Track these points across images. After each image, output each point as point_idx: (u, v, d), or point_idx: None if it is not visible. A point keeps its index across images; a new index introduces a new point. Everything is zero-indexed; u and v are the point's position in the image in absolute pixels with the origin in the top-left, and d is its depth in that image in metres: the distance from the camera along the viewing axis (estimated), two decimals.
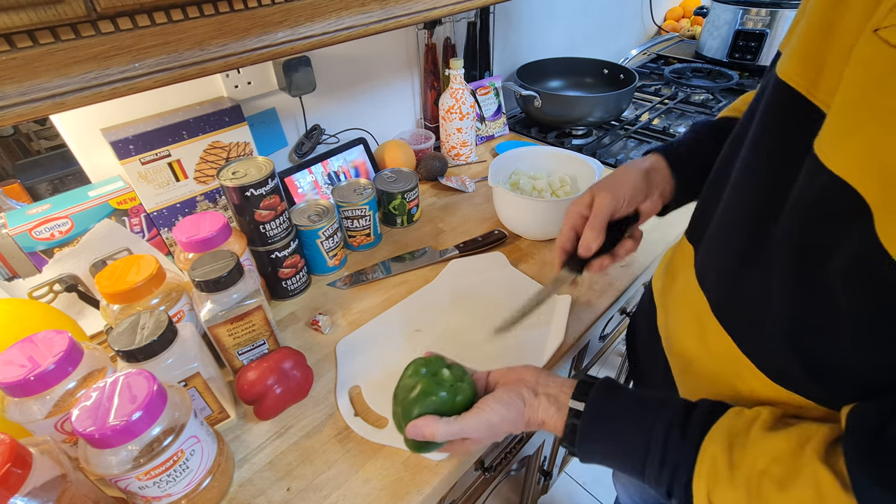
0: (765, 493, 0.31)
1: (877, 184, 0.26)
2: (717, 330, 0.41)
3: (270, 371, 0.55)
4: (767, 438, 0.33)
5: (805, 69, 0.32)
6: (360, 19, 0.50)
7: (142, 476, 0.40)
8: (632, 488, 0.84)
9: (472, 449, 0.47)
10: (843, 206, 0.27)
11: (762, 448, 0.33)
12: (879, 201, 0.25)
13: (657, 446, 0.37)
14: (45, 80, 0.35)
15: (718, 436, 0.35)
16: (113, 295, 0.51)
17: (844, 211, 0.28)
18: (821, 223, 0.30)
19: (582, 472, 1.41)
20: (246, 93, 0.79)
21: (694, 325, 0.45)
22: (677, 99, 1.34)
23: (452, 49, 1.05)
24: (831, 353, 0.32)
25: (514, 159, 0.89)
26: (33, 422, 0.42)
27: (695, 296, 0.44)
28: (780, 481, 0.31)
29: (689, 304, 0.45)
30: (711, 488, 0.34)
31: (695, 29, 1.73)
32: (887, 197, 0.25)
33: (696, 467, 0.35)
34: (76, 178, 0.68)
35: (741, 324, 0.39)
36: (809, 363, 0.34)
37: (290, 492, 0.50)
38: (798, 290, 0.33)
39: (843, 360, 0.32)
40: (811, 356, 0.33)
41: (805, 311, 0.33)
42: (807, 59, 0.32)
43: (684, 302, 0.47)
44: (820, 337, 0.32)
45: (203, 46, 0.41)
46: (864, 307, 0.29)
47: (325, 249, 0.75)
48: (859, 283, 0.28)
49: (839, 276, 0.29)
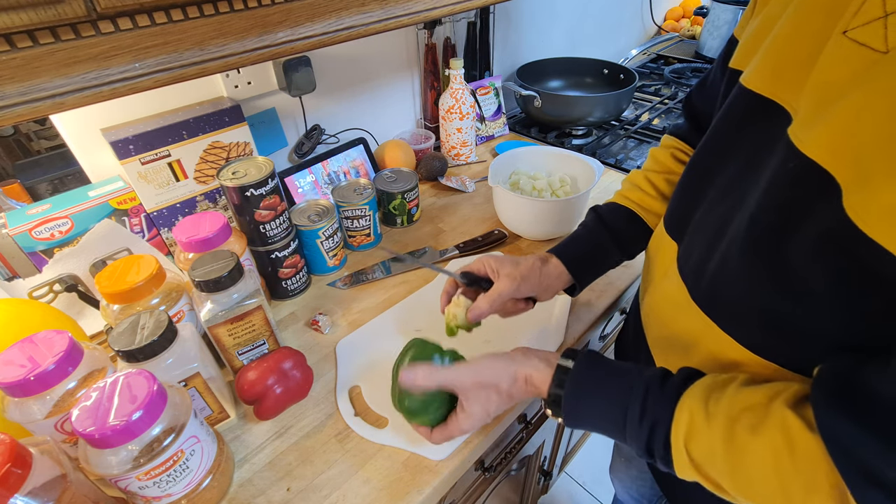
0: (737, 438, 0.34)
1: (848, 164, 0.29)
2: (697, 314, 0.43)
3: (270, 371, 0.55)
4: (741, 392, 0.36)
5: (772, 78, 0.37)
6: (360, 19, 0.50)
7: (142, 476, 0.40)
8: (629, 482, 0.84)
9: (465, 426, 0.48)
10: (812, 184, 0.31)
11: (736, 399, 0.36)
12: (849, 179, 0.29)
13: (636, 402, 0.40)
14: (45, 80, 0.35)
15: (696, 391, 0.38)
16: (113, 295, 0.51)
17: (812, 189, 0.31)
18: (792, 202, 0.33)
19: (582, 472, 1.41)
20: (246, 93, 0.79)
21: (675, 311, 0.47)
22: (677, 99, 1.34)
23: (452, 49, 1.05)
24: (807, 325, 0.35)
25: (514, 159, 0.89)
26: (33, 422, 0.42)
27: (675, 285, 0.46)
28: (751, 426, 0.34)
29: (672, 296, 0.47)
30: (688, 439, 0.37)
31: (695, 29, 1.73)
32: (856, 175, 0.28)
33: (673, 420, 0.38)
34: (76, 178, 0.68)
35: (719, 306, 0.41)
36: (785, 336, 0.37)
37: (290, 492, 0.50)
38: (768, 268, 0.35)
39: (818, 330, 0.34)
40: (786, 330, 0.36)
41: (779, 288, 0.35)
42: (774, 70, 0.37)
43: (665, 291, 0.49)
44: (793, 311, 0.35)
45: (203, 46, 0.41)
46: (834, 280, 0.31)
47: (325, 249, 0.75)
48: (830, 256, 0.31)
49: (810, 252, 0.32)
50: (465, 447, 0.54)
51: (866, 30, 0.29)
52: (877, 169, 0.27)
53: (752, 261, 0.37)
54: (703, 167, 0.47)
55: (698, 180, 0.46)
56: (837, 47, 0.30)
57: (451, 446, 0.53)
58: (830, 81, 0.31)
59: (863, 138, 0.28)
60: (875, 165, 0.27)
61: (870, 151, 0.27)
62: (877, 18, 0.28)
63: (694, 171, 0.48)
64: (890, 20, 0.28)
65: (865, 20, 0.29)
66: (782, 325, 0.36)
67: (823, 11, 0.32)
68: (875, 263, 0.28)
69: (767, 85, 0.37)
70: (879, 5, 0.28)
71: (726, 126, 0.43)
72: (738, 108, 0.41)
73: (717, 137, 0.45)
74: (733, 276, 0.39)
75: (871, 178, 0.27)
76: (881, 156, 0.27)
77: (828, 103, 0.30)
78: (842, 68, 0.30)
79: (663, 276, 0.50)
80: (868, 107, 0.28)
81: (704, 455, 0.36)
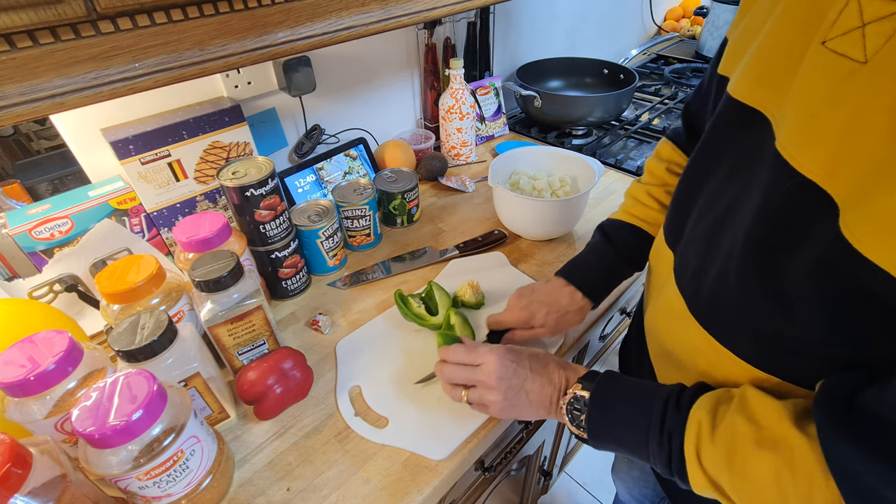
0: (740, 450, 0.35)
1: (845, 183, 0.28)
2: (696, 328, 0.43)
3: (270, 371, 0.55)
4: (747, 405, 0.36)
5: (758, 87, 0.37)
6: (360, 19, 0.50)
7: (142, 476, 0.40)
8: (631, 483, 0.84)
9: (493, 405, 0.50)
10: (811, 204, 0.30)
11: (742, 412, 0.36)
12: (845, 198, 0.28)
13: (657, 420, 0.41)
14: (45, 80, 0.35)
15: (705, 402, 0.39)
16: (113, 295, 0.51)
17: (811, 208, 0.30)
18: (789, 222, 0.33)
19: (582, 472, 1.41)
20: (246, 93, 0.79)
21: (674, 323, 0.47)
22: (677, 99, 1.34)
23: (452, 49, 1.05)
24: (805, 342, 0.35)
25: (514, 159, 0.89)
26: (33, 422, 0.42)
27: (674, 297, 0.46)
28: (755, 441, 0.34)
29: (672, 307, 0.47)
30: (699, 448, 0.38)
31: (695, 29, 1.73)
32: (852, 193, 0.28)
33: (685, 430, 0.39)
34: (76, 178, 0.68)
35: (717, 320, 0.41)
36: (783, 351, 0.37)
37: (290, 492, 0.50)
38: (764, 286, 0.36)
39: (815, 347, 0.34)
40: (784, 346, 0.36)
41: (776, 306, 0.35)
42: (760, 79, 0.37)
43: (665, 302, 0.49)
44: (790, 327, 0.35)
45: (203, 46, 0.41)
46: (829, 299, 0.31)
47: (325, 249, 0.75)
48: (825, 278, 0.31)
49: (806, 272, 0.32)
50: (465, 447, 0.54)
51: (844, 40, 0.28)
52: (871, 186, 0.27)
53: (749, 278, 0.37)
54: (693, 176, 0.47)
55: (689, 189, 0.47)
56: (817, 57, 0.30)
57: (450, 446, 0.53)
58: (811, 92, 0.30)
59: (858, 155, 0.27)
60: (869, 182, 0.27)
61: (864, 168, 0.27)
62: (854, 28, 0.28)
63: (685, 181, 0.48)
64: (868, 30, 0.27)
65: (843, 30, 0.29)
66: (781, 340, 0.36)
67: (803, 21, 0.32)
68: (872, 283, 0.27)
69: (752, 94, 0.37)
70: (857, 15, 0.28)
71: (714, 135, 0.44)
72: (724, 117, 0.42)
73: (706, 146, 0.45)
74: (731, 292, 0.39)
75: (865, 196, 0.27)
76: (874, 172, 0.27)
77: (812, 117, 0.30)
78: (821, 79, 0.30)
79: (662, 287, 0.50)
80: (857, 122, 0.27)
81: (713, 466, 0.37)
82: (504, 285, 0.74)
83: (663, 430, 0.40)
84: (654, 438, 0.41)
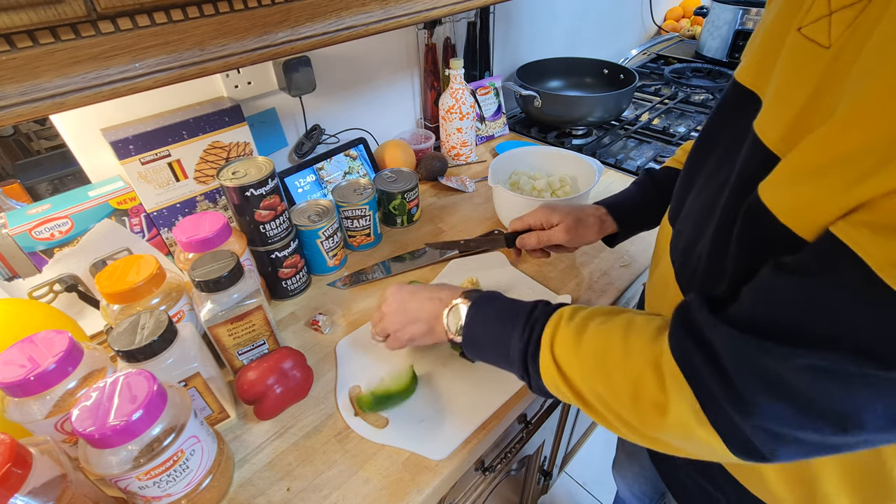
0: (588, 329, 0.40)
1: None
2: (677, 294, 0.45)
3: (270, 371, 0.55)
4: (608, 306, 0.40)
5: (756, 71, 0.39)
6: (360, 19, 0.50)
7: (142, 476, 0.40)
8: (631, 479, 0.85)
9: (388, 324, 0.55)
10: None
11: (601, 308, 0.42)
12: None
13: (525, 313, 0.45)
14: (45, 80, 0.35)
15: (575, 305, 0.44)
16: (113, 295, 0.51)
17: None
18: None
19: (582, 472, 1.41)
20: (246, 93, 0.79)
21: (662, 289, 0.49)
22: (677, 99, 1.34)
23: (452, 49, 1.05)
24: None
25: (514, 159, 0.89)
26: (33, 422, 0.42)
27: (667, 269, 0.48)
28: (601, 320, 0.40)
29: (663, 277, 0.49)
30: (556, 332, 0.42)
31: (695, 29, 1.73)
32: None
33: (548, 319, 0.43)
34: (76, 178, 0.68)
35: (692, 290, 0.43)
36: None
37: (290, 492, 0.50)
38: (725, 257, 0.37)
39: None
40: None
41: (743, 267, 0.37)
42: (759, 64, 0.39)
43: (659, 276, 0.51)
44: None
45: (203, 46, 0.41)
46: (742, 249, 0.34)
47: (325, 249, 0.75)
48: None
49: None
50: (465, 447, 0.54)
51: (815, 27, 0.31)
52: None
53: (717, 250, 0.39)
54: (695, 156, 0.49)
55: (691, 169, 0.48)
56: (793, 43, 0.33)
57: (450, 446, 0.53)
58: (783, 74, 0.33)
59: (809, 132, 0.29)
60: None
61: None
62: (824, 16, 0.30)
63: (689, 160, 0.50)
64: (834, 17, 0.30)
65: (815, 17, 0.31)
66: None
67: (791, 7, 0.34)
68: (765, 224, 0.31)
69: (752, 77, 0.39)
70: (825, 3, 0.30)
71: (717, 115, 0.45)
72: (726, 100, 0.44)
73: (708, 126, 0.47)
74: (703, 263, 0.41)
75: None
76: None
77: (780, 97, 0.33)
78: (793, 63, 0.33)
79: (659, 261, 0.52)
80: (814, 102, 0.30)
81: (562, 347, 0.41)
82: (504, 284, 0.74)
83: (528, 321, 0.44)
84: (518, 328, 0.45)
